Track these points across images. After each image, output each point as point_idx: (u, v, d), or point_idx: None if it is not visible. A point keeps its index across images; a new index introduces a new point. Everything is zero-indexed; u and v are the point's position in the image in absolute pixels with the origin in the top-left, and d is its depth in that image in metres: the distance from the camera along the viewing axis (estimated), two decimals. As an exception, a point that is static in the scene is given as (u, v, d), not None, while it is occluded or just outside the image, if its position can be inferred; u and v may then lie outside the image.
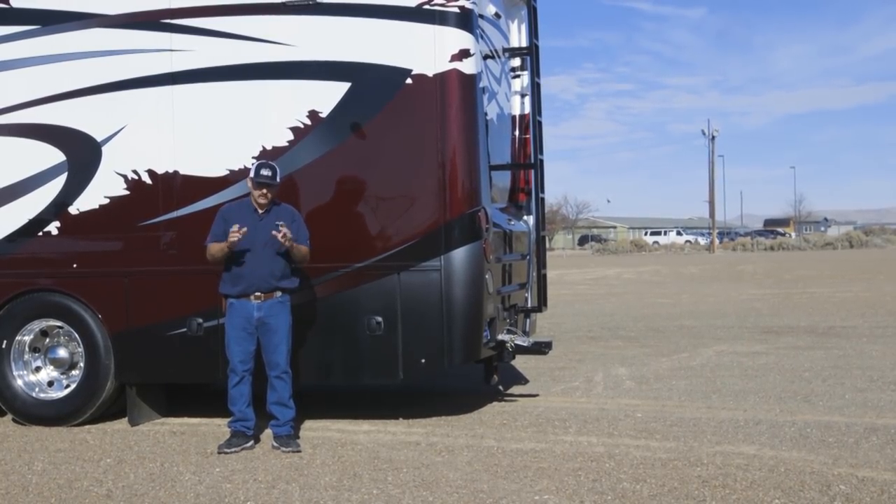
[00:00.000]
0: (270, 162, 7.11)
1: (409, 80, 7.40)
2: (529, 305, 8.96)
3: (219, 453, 6.90)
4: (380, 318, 7.38)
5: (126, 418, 8.08)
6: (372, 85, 7.48)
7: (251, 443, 7.06)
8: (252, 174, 6.96)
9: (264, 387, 7.10)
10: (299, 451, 6.86)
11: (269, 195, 6.99)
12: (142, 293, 7.91)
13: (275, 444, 6.98)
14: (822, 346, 12.51)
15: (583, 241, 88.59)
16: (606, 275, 35.75)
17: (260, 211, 7.02)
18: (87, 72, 7.95)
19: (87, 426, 8.02)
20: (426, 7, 7.38)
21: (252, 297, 6.98)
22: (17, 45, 8.12)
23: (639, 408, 8.34)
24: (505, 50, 8.94)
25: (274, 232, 6.78)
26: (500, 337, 8.03)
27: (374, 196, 7.55)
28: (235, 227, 6.82)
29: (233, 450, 6.93)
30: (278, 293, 7.02)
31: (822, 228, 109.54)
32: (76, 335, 8.04)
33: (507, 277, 8.42)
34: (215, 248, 7.00)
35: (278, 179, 7.00)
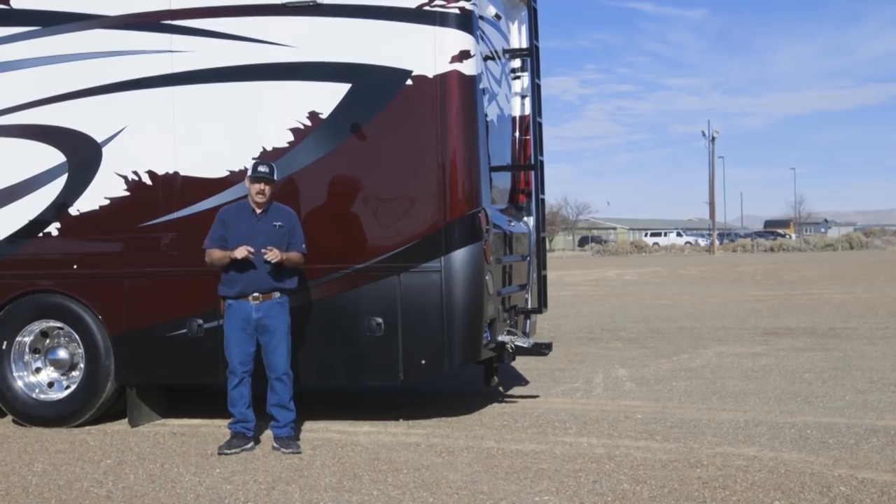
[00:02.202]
0: (267, 160, 7.16)
1: (409, 82, 7.40)
2: (529, 307, 8.96)
3: (219, 454, 6.90)
4: (380, 320, 7.38)
5: (126, 419, 8.08)
6: (372, 86, 7.48)
7: (251, 444, 7.06)
8: (249, 171, 7.02)
9: (265, 388, 7.11)
10: (299, 453, 6.86)
11: (267, 192, 7.01)
12: (142, 294, 7.91)
13: (275, 445, 6.98)
14: (822, 347, 12.51)
15: (583, 242, 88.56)
16: (606, 276, 35.75)
17: (258, 211, 7.03)
18: (87, 73, 7.95)
19: (87, 427, 8.02)
20: (426, 8, 7.38)
21: (250, 298, 6.98)
22: (17, 46, 8.13)
23: (639, 409, 8.34)
24: (505, 51, 8.95)
25: (264, 257, 6.84)
26: (500, 338, 8.03)
27: (374, 197, 7.54)
28: (244, 250, 6.87)
29: (233, 451, 6.93)
30: (277, 294, 7.02)
31: (822, 230, 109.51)
32: (76, 336, 8.04)
33: (507, 279, 8.42)
34: (216, 255, 7.01)
35: (276, 177, 7.03)
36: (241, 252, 6.87)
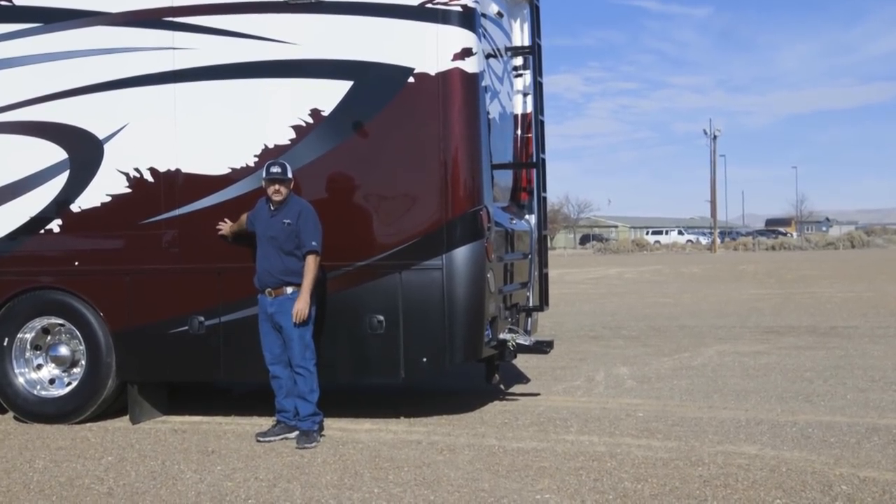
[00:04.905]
0: (280, 160, 7.24)
1: (411, 79, 7.39)
2: (531, 304, 8.95)
3: (257, 441, 7.13)
4: (381, 317, 7.38)
5: (127, 416, 8.09)
6: (374, 83, 7.48)
7: (296, 433, 7.17)
8: (264, 172, 7.15)
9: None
10: (306, 448, 6.91)
11: (283, 192, 7.12)
12: (143, 291, 7.91)
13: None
14: (823, 346, 12.50)
15: (584, 240, 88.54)
16: (608, 274, 35.75)
17: (272, 207, 7.13)
18: (89, 70, 7.95)
19: (88, 424, 8.03)
20: (429, 6, 7.37)
21: (266, 293, 7.13)
22: (20, 43, 8.12)
23: (640, 407, 8.34)
24: (507, 49, 8.94)
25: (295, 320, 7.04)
26: (501, 336, 8.02)
27: (375, 195, 7.54)
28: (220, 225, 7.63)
29: (268, 438, 7.18)
30: (289, 289, 7.07)
31: (824, 228, 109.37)
32: (77, 333, 8.05)
33: (508, 276, 8.42)
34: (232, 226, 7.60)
35: (289, 175, 7.14)
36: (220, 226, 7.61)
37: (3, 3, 8.21)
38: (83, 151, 8.00)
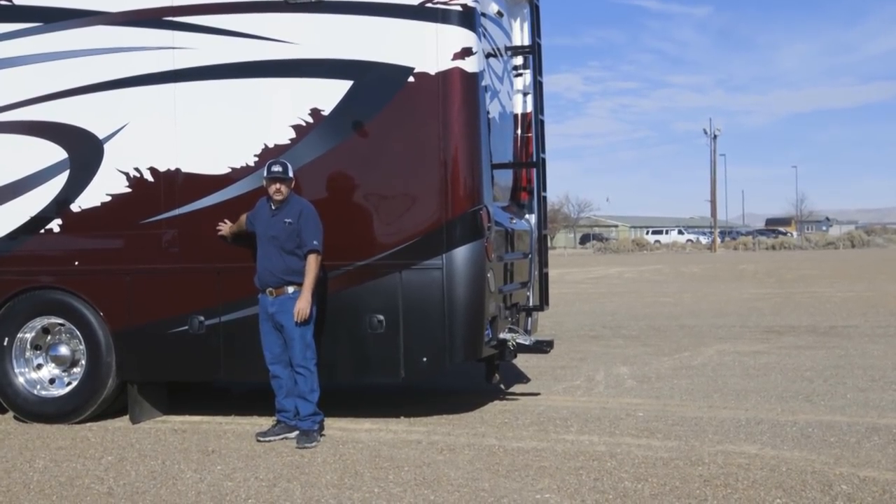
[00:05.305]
0: (281, 159, 7.24)
1: (411, 79, 7.39)
2: (531, 304, 8.95)
3: (257, 441, 7.12)
4: (381, 317, 7.38)
5: (127, 416, 8.09)
6: (374, 83, 7.48)
7: (296, 433, 7.16)
8: (265, 172, 7.15)
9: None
10: (306, 448, 6.91)
11: (284, 191, 7.12)
12: (143, 291, 7.91)
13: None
14: (823, 345, 12.50)
15: (584, 239, 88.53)
16: (608, 274, 35.74)
17: (273, 207, 7.13)
18: (89, 69, 7.95)
19: (88, 424, 8.02)
20: (429, 5, 7.37)
21: (267, 292, 7.13)
22: (19, 43, 8.12)
23: (640, 407, 8.34)
24: (507, 48, 8.94)
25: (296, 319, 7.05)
26: (501, 335, 8.03)
27: (375, 194, 7.54)
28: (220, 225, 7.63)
29: (268, 438, 7.18)
30: (290, 288, 7.07)
31: (824, 228, 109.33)
32: (78, 333, 8.05)
33: (508, 276, 8.42)
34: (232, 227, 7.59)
35: (290, 174, 7.14)
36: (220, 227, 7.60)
37: (3, 3, 8.21)
38: (83, 151, 8.00)
